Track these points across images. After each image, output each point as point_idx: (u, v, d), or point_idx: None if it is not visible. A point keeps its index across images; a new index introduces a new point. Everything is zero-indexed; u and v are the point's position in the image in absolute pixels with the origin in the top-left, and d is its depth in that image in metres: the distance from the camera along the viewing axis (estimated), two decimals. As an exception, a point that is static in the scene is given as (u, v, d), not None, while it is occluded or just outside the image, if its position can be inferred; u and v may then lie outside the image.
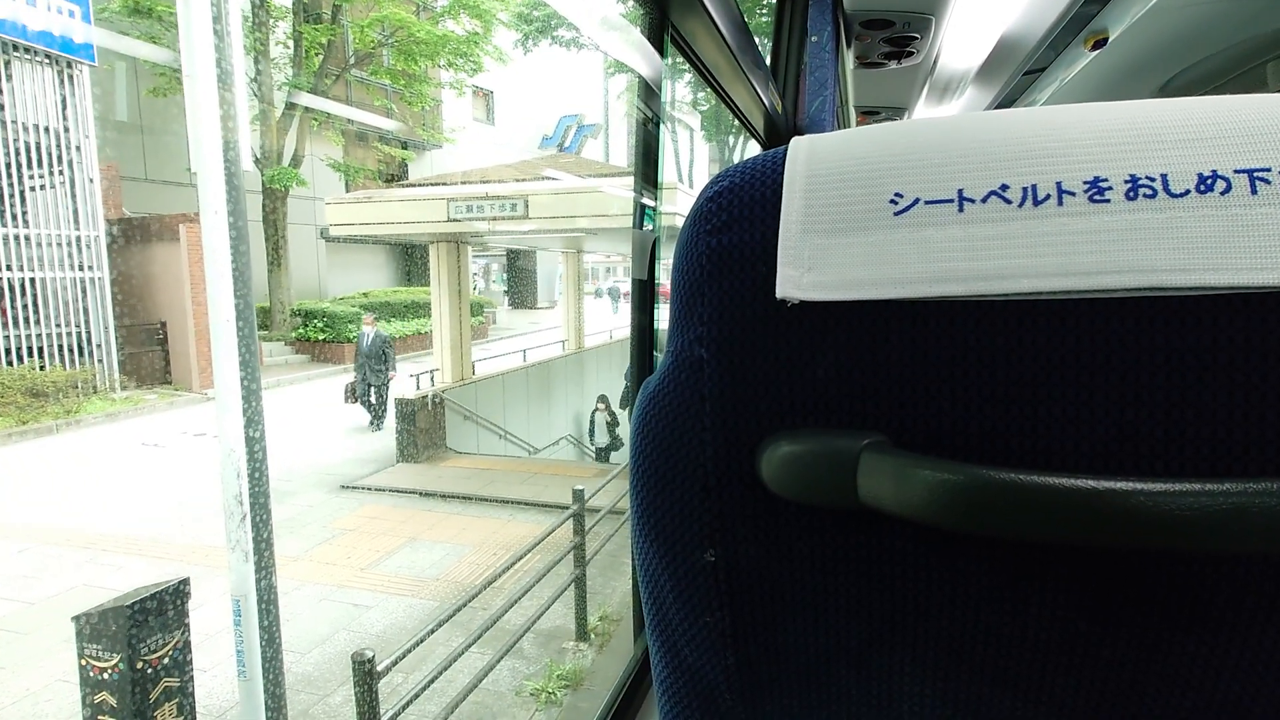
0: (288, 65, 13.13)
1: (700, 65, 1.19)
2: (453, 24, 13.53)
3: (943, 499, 0.25)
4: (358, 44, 13.46)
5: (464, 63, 13.96)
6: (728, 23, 1.09)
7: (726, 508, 0.32)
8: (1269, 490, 0.23)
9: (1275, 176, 0.25)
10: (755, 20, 11.19)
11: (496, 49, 14.26)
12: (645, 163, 1.25)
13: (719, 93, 1.34)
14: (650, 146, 1.23)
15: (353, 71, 14.12)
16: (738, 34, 1.16)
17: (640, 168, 1.26)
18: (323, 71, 13.36)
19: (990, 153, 0.28)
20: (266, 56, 12.47)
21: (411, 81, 13.81)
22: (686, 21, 1.01)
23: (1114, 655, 0.29)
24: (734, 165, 0.34)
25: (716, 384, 0.31)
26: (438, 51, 13.27)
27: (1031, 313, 0.27)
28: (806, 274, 0.29)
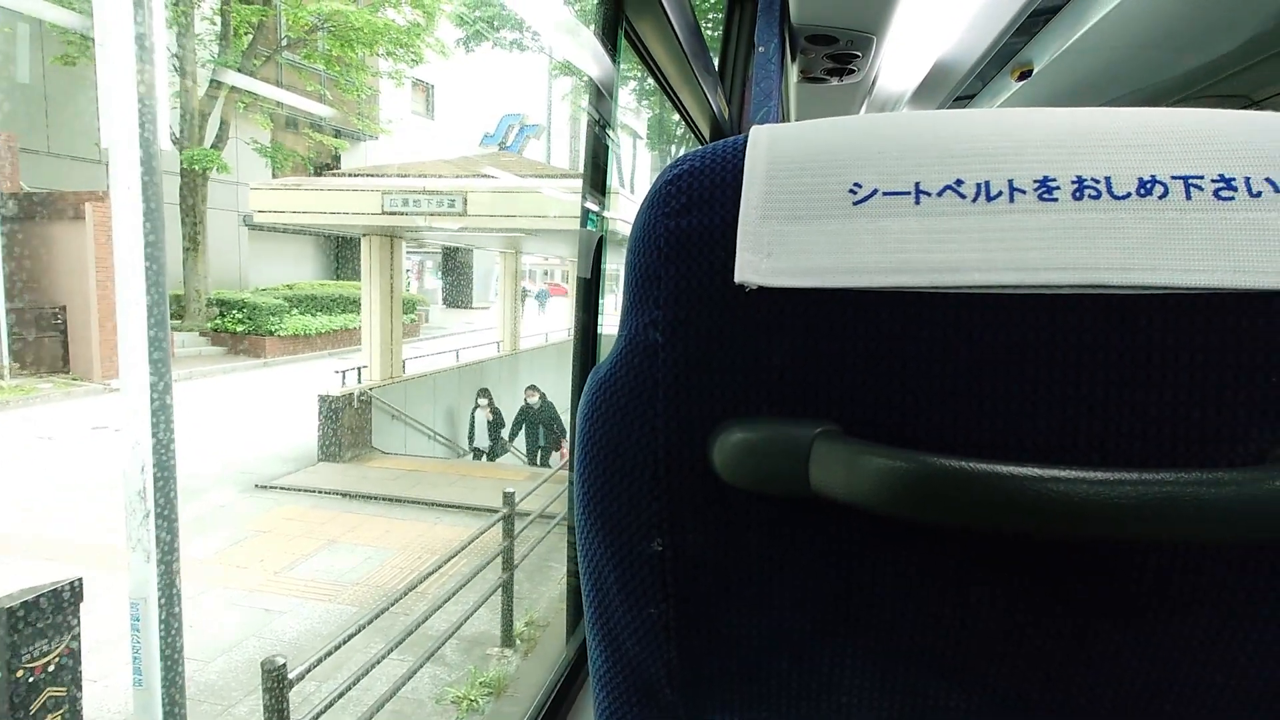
0: (214, 42, 12.49)
1: (653, 64, 1.20)
2: (394, 13, 13.18)
3: (892, 487, 0.26)
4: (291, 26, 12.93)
5: (404, 53, 13.61)
6: (683, 24, 1.10)
7: (676, 496, 0.31)
8: (1197, 480, 0.24)
9: (1207, 184, 0.26)
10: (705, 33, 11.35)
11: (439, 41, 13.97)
12: (594, 166, 1.25)
13: (669, 94, 1.35)
14: (600, 150, 1.23)
15: (285, 54, 13.55)
16: (692, 37, 1.17)
17: (589, 171, 1.26)
18: (252, 52, 12.76)
19: (947, 149, 0.29)
20: (190, 31, 11.82)
21: (347, 69, 13.36)
22: (642, 20, 1.01)
23: (1048, 643, 0.30)
24: (694, 151, 0.34)
25: (671, 369, 0.30)
26: (376, 40, 12.89)
27: (983, 305, 0.27)
28: (766, 260, 0.29)
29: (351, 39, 12.62)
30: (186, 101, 11.80)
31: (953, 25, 1.64)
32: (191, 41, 11.86)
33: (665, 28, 1.04)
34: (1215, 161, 0.27)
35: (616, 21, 1.01)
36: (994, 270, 0.27)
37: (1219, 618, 0.29)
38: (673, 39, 1.08)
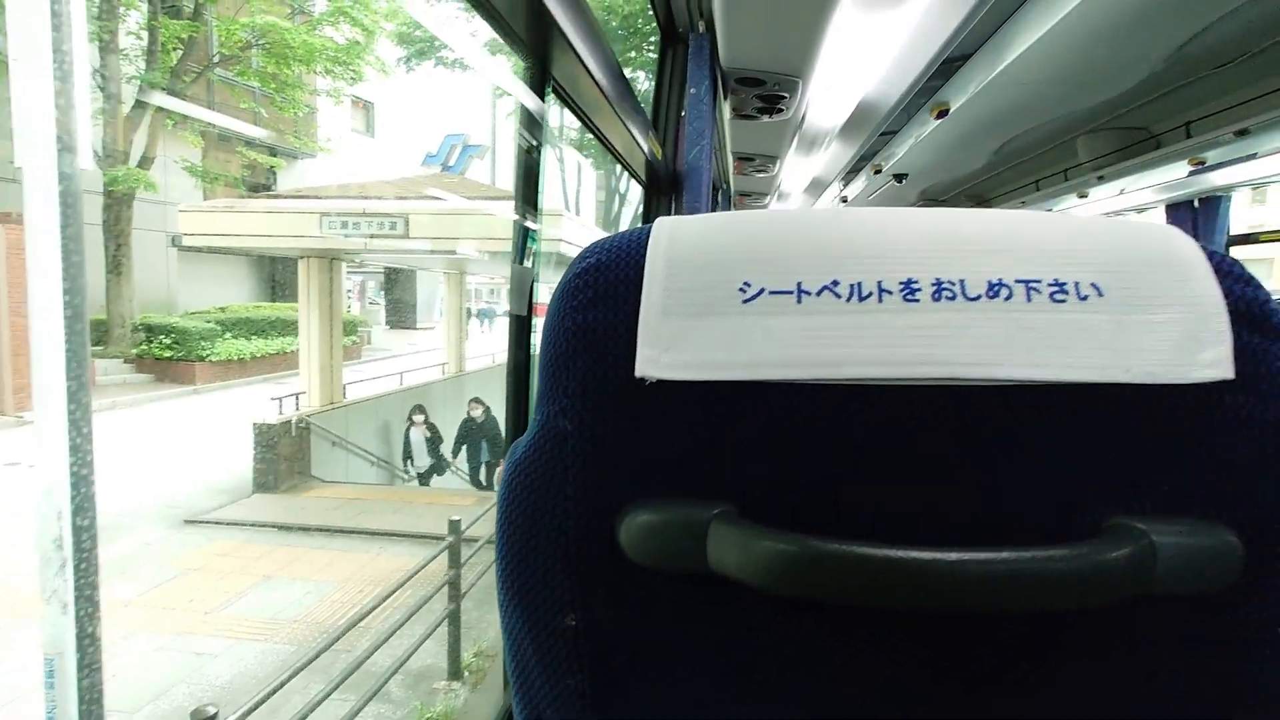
0: (140, 57, 12.02)
1: (581, 114, 1.23)
2: (332, 31, 12.95)
3: (779, 567, 0.28)
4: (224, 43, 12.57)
5: (343, 71, 13.38)
6: (606, 75, 1.14)
7: (587, 574, 0.33)
8: (1041, 557, 0.27)
9: (1044, 287, 0.30)
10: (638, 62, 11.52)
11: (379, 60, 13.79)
12: (526, 190, 1.25)
13: (600, 139, 1.38)
14: (531, 174, 1.24)
15: (218, 71, 13.14)
16: (615, 85, 1.20)
17: (521, 195, 1.26)
18: (181, 68, 12.33)
19: (825, 251, 0.32)
20: (115, 46, 11.36)
21: (284, 86, 13.03)
22: (566, 75, 1.05)
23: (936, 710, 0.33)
24: (601, 241, 0.36)
25: (579, 456, 0.32)
26: (314, 58, 12.63)
27: (858, 396, 0.30)
28: (664, 354, 0.31)
29: (288, 56, 12.34)
30: (111, 119, 11.31)
31: (874, 70, 1.73)
32: (116, 56, 11.40)
33: (589, 81, 1.08)
34: (1051, 267, 0.31)
35: (543, 80, 1.04)
36: (867, 365, 0.30)
37: (1076, 675, 0.32)
38: (597, 90, 1.12)
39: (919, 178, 4.47)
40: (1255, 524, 0.30)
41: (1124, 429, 0.30)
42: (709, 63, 1.70)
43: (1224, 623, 0.31)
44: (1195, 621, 0.31)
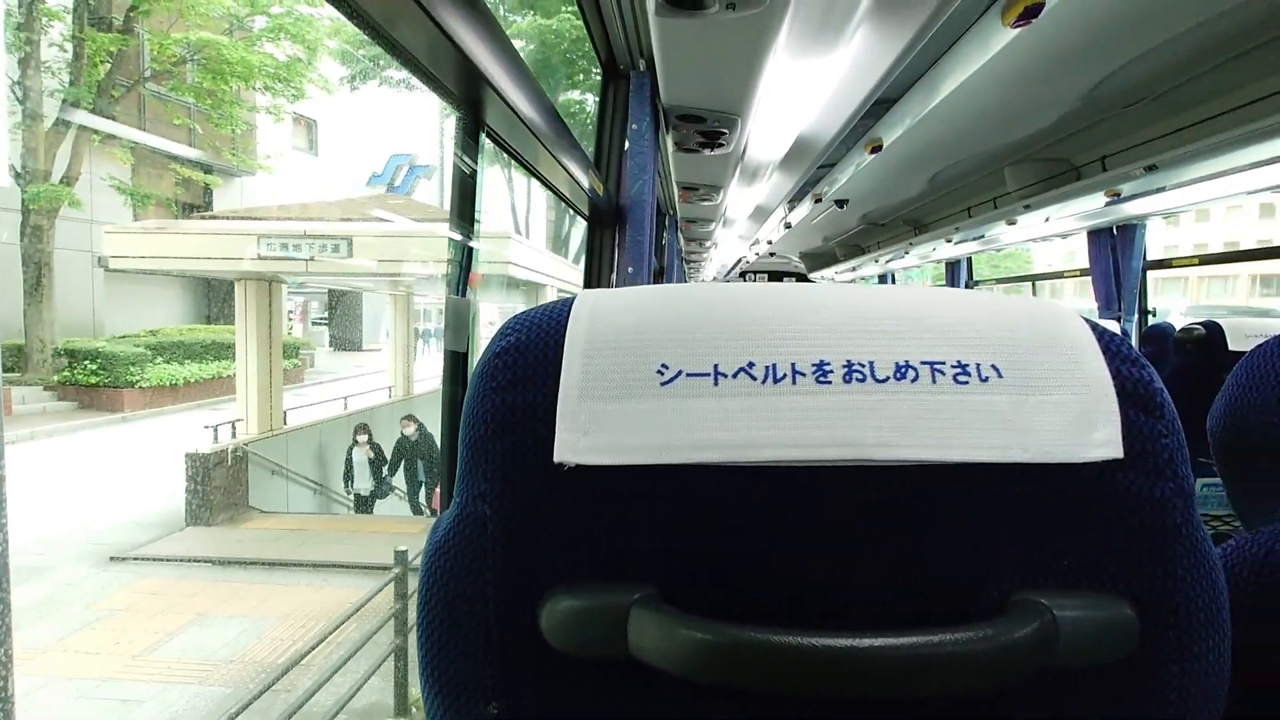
0: (64, 72, 11.51)
1: (516, 155, 1.23)
2: (272, 47, 12.66)
3: (697, 655, 0.28)
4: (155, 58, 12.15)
5: (284, 88, 13.07)
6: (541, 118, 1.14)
7: (509, 661, 0.32)
8: (952, 640, 0.28)
9: (948, 369, 0.31)
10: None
11: (322, 78, 13.54)
12: (463, 208, 1.21)
13: (538, 178, 1.38)
14: (468, 192, 1.20)
15: (150, 86, 12.68)
16: (551, 126, 1.21)
17: (457, 214, 1.22)
18: (110, 82, 11.85)
19: (740, 332, 0.32)
20: (36, 59, 10.85)
21: (220, 102, 12.65)
22: (499, 121, 1.05)
23: None
24: (522, 316, 0.36)
25: (499, 541, 0.32)
26: (252, 74, 12.31)
27: (774, 477, 0.31)
28: (583, 438, 0.31)
29: (225, 72, 11.99)
30: (30, 134, 10.78)
31: (809, 109, 1.78)
32: (38, 69, 10.89)
33: (523, 129, 1.08)
34: (954, 349, 0.32)
35: (478, 128, 1.04)
36: (781, 447, 0.30)
37: None
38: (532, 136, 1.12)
39: (859, 204, 4.62)
40: (1147, 595, 0.31)
41: (1025, 506, 0.31)
42: (650, 99, 1.73)
43: (1121, 691, 0.32)
44: (1095, 692, 0.32)
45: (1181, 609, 0.31)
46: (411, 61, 0.80)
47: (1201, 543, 0.32)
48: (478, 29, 0.83)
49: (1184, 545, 0.32)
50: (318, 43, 12.81)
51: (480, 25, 0.84)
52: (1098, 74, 2.24)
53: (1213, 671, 0.32)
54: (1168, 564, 0.31)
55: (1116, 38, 1.93)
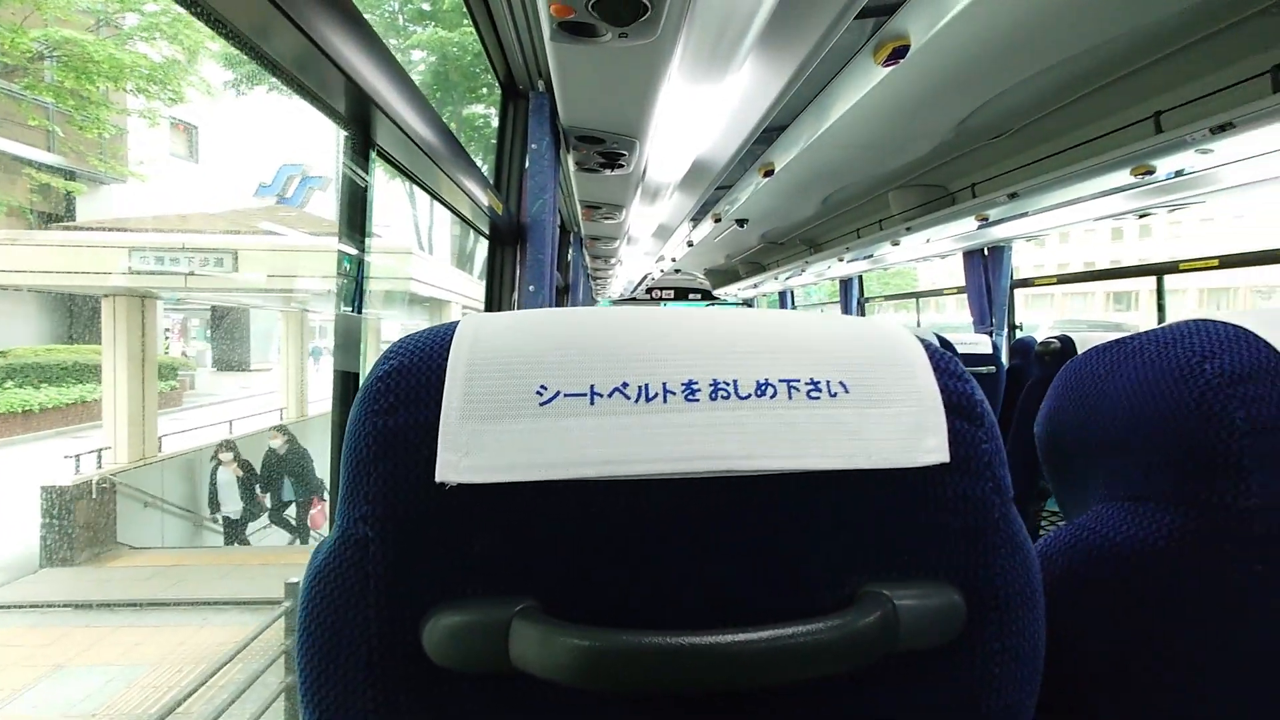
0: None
1: (410, 175, 1.21)
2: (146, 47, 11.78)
3: (574, 661, 0.29)
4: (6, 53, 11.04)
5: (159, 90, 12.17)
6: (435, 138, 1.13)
7: (390, 681, 0.33)
8: (805, 631, 0.31)
9: (802, 386, 0.34)
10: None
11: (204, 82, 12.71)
12: (352, 218, 1.17)
13: (434, 196, 1.36)
14: (358, 202, 1.15)
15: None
16: (446, 147, 1.20)
17: (346, 226, 1.17)
18: (-54, 78, 10.66)
19: (615, 354, 0.34)
20: None
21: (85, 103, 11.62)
22: (390, 142, 1.03)
23: None
24: (405, 340, 0.36)
25: (381, 562, 0.32)
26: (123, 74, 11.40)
27: (648, 490, 0.32)
28: (464, 458, 0.32)
29: (90, 71, 11.04)
30: None
31: (705, 134, 1.85)
32: None
33: (414, 150, 1.07)
34: (808, 367, 0.35)
35: (367, 146, 1.01)
36: (653, 462, 0.32)
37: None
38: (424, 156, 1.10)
39: (758, 223, 4.80)
40: (972, 583, 0.35)
41: (869, 507, 0.34)
42: (550, 119, 1.74)
43: (953, 670, 0.35)
44: (930, 673, 0.35)
45: (1001, 593, 0.35)
46: (293, 80, 0.77)
47: (1017, 534, 0.36)
48: (362, 50, 0.81)
49: (1002, 537, 0.36)
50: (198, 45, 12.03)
51: (366, 47, 0.82)
52: (965, 109, 2.45)
53: (1030, 647, 0.36)
54: (989, 555, 0.35)
55: (979, 77, 2.11)
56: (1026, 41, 1.85)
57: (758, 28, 1.21)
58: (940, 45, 1.73)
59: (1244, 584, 0.38)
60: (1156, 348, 0.42)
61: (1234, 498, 0.38)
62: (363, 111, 0.92)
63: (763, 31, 1.23)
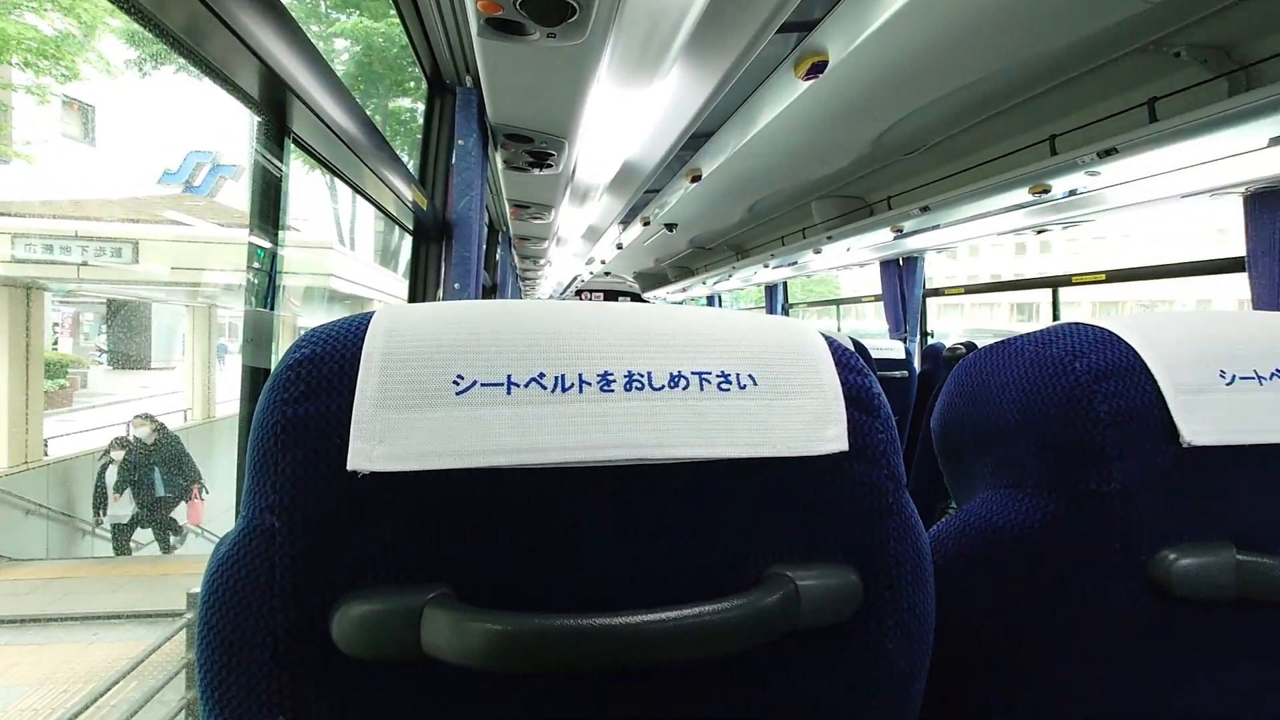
0: None
1: (328, 165, 1.17)
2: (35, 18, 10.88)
3: (485, 646, 0.30)
4: None
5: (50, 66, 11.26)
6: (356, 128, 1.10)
7: (298, 673, 0.32)
8: (713, 610, 0.32)
9: (714, 378, 0.36)
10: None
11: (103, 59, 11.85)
12: (264, 210, 1.12)
13: (357, 190, 1.32)
14: (271, 192, 1.10)
15: None
16: (368, 139, 1.17)
17: (258, 217, 1.12)
18: None
19: (532, 344, 0.35)
20: None
21: (-42, 75, 10.61)
22: (307, 130, 0.99)
23: None
24: (319, 329, 0.35)
25: (288, 552, 0.32)
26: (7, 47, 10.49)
27: (564, 478, 0.33)
28: (378, 446, 0.32)
29: (-33, 41, 10.10)
30: None
31: (634, 137, 1.87)
32: None
33: (333, 139, 1.03)
34: (719, 360, 0.37)
35: (282, 134, 0.97)
36: (568, 450, 0.33)
37: (748, 706, 0.37)
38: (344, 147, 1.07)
39: (687, 228, 4.87)
40: (868, 563, 0.37)
41: (774, 493, 0.36)
42: (477, 116, 1.72)
43: (850, 646, 0.38)
44: (830, 648, 0.37)
45: (894, 573, 0.38)
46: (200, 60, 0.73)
47: (910, 518, 0.39)
48: (277, 32, 0.78)
49: (895, 521, 0.38)
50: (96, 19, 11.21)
51: (281, 29, 0.79)
52: (881, 125, 2.56)
53: (921, 623, 0.39)
54: (884, 537, 0.38)
55: (893, 96, 2.22)
56: (935, 64, 1.96)
57: (684, 35, 1.24)
58: (857, 63, 1.81)
59: (1105, 561, 0.42)
60: (1036, 347, 0.46)
61: (1098, 484, 0.42)
62: (277, 97, 0.89)
63: (689, 39, 1.26)
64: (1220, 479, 0.42)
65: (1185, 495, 0.42)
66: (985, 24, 1.71)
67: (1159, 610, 0.42)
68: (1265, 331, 0.45)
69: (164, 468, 6.87)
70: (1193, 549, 0.41)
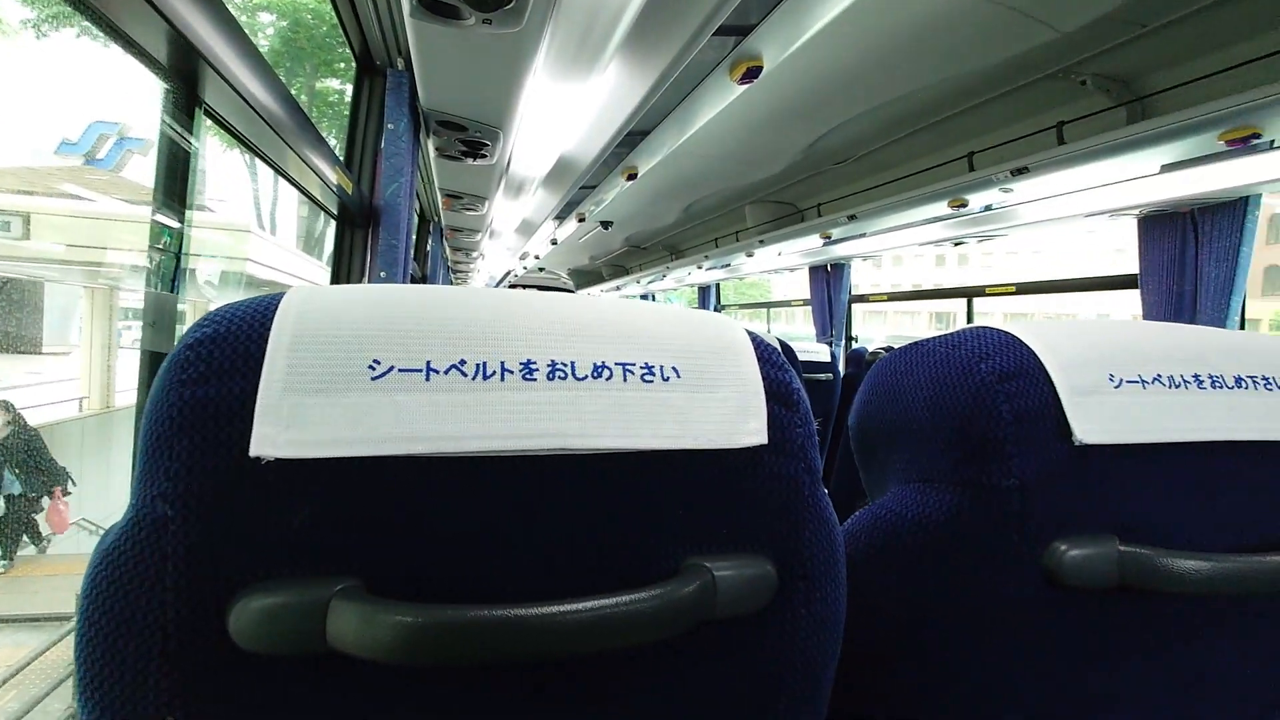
0: None
1: (245, 141, 1.10)
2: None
3: (396, 638, 0.29)
4: None
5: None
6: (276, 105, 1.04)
7: (189, 670, 0.31)
8: (630, 600, 0.32)
9: (637, 370, 0.36)
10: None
11: (-6, 16, 10.90)
12: (170, 186, 1.05)
13: (276, 170, 1.26)
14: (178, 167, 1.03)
15: None
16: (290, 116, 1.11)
17: (163, 194, 1.05)
18: None
19: (454, 331, 0.34)
20: None
21: None
22: (221, 103, 0.93)
23: None
24: (222, 309, 0.33)
25: (182, 543, 0.30)
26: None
27: (483, 467, 0.32)
28: (284, 432, 0.30)
29: None
30: None
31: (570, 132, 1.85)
32: None
33: (252, 115, 0.98)
34: (643, 352, 0.37)
35: (192, 104, 0.91)
36: (489, 438, 0.32)
37: (664, 694, 0.37)
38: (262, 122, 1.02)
39: (623, 226, 4.88)
40: (783, 554, 0.38)
41: (695, 485, 0.36)
42: (409, 100, 1.67)
43: (764, 634, 0.38)
44: (745, 637, 0.38)
45: (809, 563, 0.39)
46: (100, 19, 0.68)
47: (824, 510, 0.40)
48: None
49: (811, 513, 0.39)
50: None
51: (193, -8, 0.75)
52: (812, 134, 2.64)
53: (833, 613, 0.41)
54: (799, 529, 0.39)
55: (824, 106, 2.28)
56: (864, 79, 2.03)
57: (623, 31, 1.24)
58: (791, 72, 1.86)
59: (1003, 552, 0.44)
60: (946, 349, 0.48)
61: (999, 478, 0.44)
62: (188, 64, 0.83)
63: (627, 35, 1.26)
64: (1108, 475, 0.45)
65: (1076, 490, 0.44)
66: (910, 44, 1.78)
67: (1051, 598, 0.44)
68: (1149, 340, 0.49)
69: (17, 466, 6.24)
70: (1080, 541, 0.43)
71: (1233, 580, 0.43)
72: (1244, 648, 0.50)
